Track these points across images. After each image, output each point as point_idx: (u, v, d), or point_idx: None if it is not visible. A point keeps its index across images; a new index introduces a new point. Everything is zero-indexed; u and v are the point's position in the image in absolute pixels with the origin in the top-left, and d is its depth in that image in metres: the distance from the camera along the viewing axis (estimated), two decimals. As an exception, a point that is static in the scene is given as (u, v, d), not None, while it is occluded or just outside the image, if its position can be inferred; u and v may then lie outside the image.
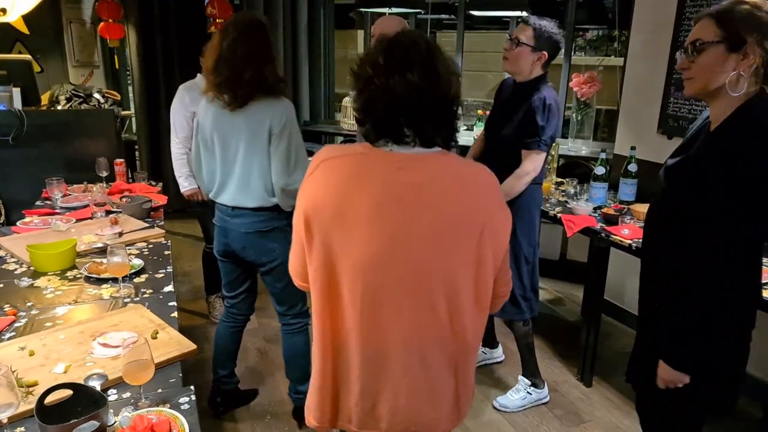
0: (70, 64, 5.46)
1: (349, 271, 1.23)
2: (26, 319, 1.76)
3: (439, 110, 1.21)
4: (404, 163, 1.20)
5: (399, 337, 1.25)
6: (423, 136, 1.21)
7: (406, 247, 1.19)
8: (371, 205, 1.19)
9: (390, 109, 1.19)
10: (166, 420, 1.25)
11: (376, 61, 1.20)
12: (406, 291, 1.22)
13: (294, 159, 2.22)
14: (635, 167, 3.11)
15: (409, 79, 1.16)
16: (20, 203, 3.07)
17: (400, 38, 1.22)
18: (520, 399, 2.84)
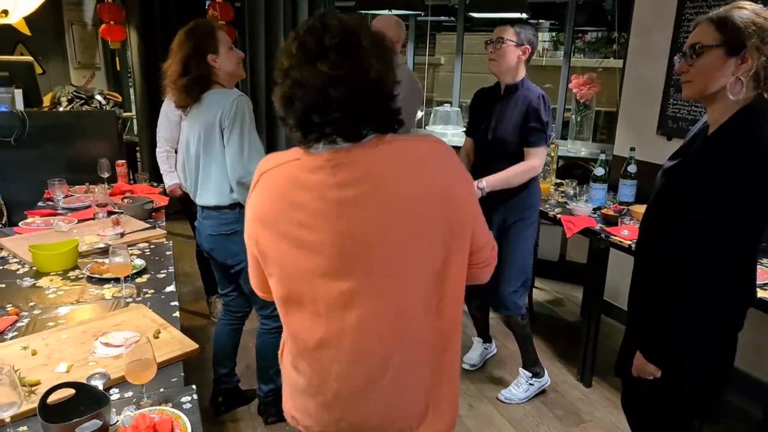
0: (71, 66, 5.47)
1: (308, 283, 1.17)
2: (29, 319, 1.77)
3: (359, 99, 1.10)
4: (336, 162, 1.11)
5: (369, 344, 1.17)
6: (344, 130, 1.11)
7: (359, 249, 1.12)
8: (314, 214, 1.12)
9: (306, 106, 1.10)
10: (168, 419, 1.26)
11: (290, 51, 1.12)
12: (372, 294, 1.14)
13: (247, 150, 2.17)
14: (635, 168, 3.12)
15: (319, 68, 1.07)
16: (22, 204, 3.08)
17: (315, 24, 1.11)
18: (523, 391, 2.90)
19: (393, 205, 1.10)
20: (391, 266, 1.13)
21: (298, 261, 1.16)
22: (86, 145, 3.68)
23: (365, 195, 1.10)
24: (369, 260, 1.13)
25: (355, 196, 1.10)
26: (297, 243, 1.15)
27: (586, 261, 3.74)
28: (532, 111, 2.54)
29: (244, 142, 2.15)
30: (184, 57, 2.15)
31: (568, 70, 4.53)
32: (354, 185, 1.10)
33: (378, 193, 1.10)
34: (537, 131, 2.55)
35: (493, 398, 2.90)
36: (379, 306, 1.15)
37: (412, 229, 1.11)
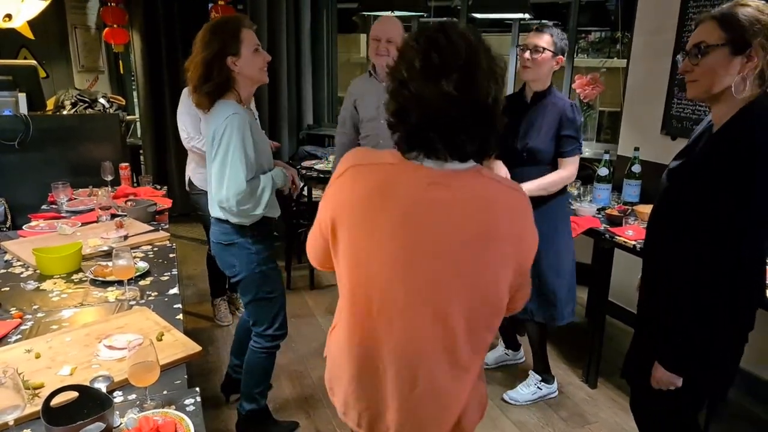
0: (75, 70, 5.49)
1: (368, 280, 1.22)
2: (32, 322, 1.77)
3: (475, 122, 1.14)
4: (434, 180, 1.16)
5: (406, 349, 1.23)
6: (456, 151, 1.16)
7: (422, 262, 1.17)
8: (395, 219, 1.17)
9: (422, 122, 1.14)
10: (172, 421, 1.26)
11: (412, 63, 1.13)
12: (419, 305, 1.20)
13: (228, 173, 2.03)
14: (639, 168, 3.11)
15: (443, 89, 1.09)
16: (26, 207, 3.09)
17: (440, 38, 1.12)
18: (530, 393, 2.89)
19: (464, 234, 1.16)
20: (439, 289, 1.18)
21: (366, 259, 1.21)
22: (90, 149, 3.69)
23: (447, 218, 1.16)
24: (426, 276, 1.18)
25: (438, 216, 1.16)
26: (369, 241, 1.20)
27: (590, 261, 3.73)
28: (566, 120, 2.52)
29: (225, 166, 2.03)
30: (206, 59, 2.04)
31: (571, 71, 4.52)
32: (442, 206, 1.16)
33: (459, 219, 1.16)
34: (572, 140, 2.54)
35: (498, 400, 2.89)
36: (426, 321, 1.20)
37: (472, 261, 1.17)
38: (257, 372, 2.43)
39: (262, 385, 2.47)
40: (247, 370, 2.45)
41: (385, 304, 1.22)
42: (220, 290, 3.68)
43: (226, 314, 3.64)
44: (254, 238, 2.21)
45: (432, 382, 1.25)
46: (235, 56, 2.05)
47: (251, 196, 2.08)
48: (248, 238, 2.20)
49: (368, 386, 1.30)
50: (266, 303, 2.31)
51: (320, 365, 3.17)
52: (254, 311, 2.35)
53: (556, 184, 2.58)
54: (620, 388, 2.98)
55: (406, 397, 1.26)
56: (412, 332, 1.22)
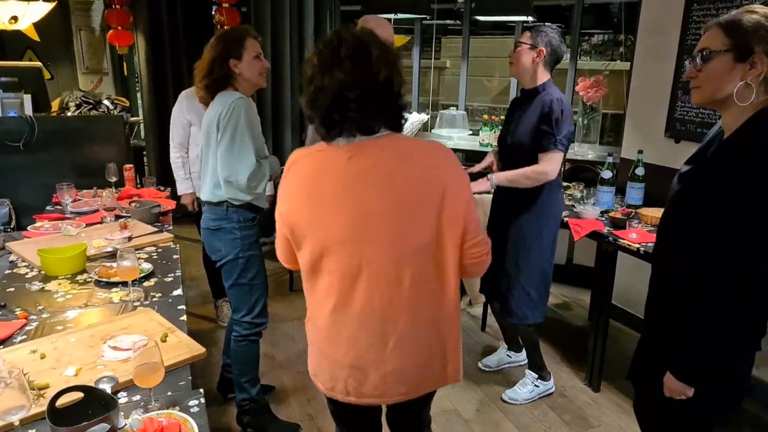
0: (79, 71, 5.51)
1: (326, 254, 1.40)
2: (37, 323, 1.78)
3: (371, 99, 1.33)
4: (352, 152, 1.36)
5: (375, 310, 1.41)
6: (360, 126, 1.35)
7: (367, 226, 1.35)
8: (331, 196, 1.37)
9: (327, 107, 1.34)
10: (176, 423, 1.26)
11: (311, 61, 1.36)
12: (376, 266, 1.37)
13: (237, 151, 2.21)
14: (642, 171, 3.11)
15: (336, 75, 1.31)
16: (31, 208, 3.10)
17: (332, 38, 1.35)
18: (527, 392, 2.91)
19: (395, 187, 1.34)
20: (391, 239, 1.36)
21: (319, 238, 1.40)
22: (94, 150, 3.70)
23: (374, 179, 1.35)
24: (375, 233, 1.36)
25: (366, 180, 1.35)
26: (318, 221, 1.39)
27: (593, 264, 3.73)
28: (544, 114, 2.51)
29: (235, 143, 2.20)
30: (211, 58, 2.26)
31: (574, 73, 4.52)
32: (365, 172, 1.35)
33: (384, 177, 1.34)
34: (547, 134, 2.51)
35: (501, 403, 2.89)
36: (381, 276, 1.38)
37: (410, 208, 1.35)
38: (240, 361, 2.49)
39: (250, 374, 2.51)
40: (233, 360, 2.53)
41: (346, 274, 1.40)
42: (222, 291, 3.68)
43: (229, 315, 3.64)
44: (240, 224, 2.33)
45: (403, 336, 1.42)
46: (237, 59, 2.26)
47: (260, 172, 2.25)
48: (234, 223, 2.33)
49: (348, 354, 1.46)
50: (247, 289, 2.40)
51: (323, 367, 3.17)
52: (235, 296, 2.44)
53: (526, 177, 2.56)
54: (623, 392, 2.98)
55: (382, 352, 1.43)
56: (374, 290, 1.39)
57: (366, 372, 1.46)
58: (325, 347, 1.51)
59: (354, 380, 1.47)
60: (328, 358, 1.50)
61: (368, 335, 1.43)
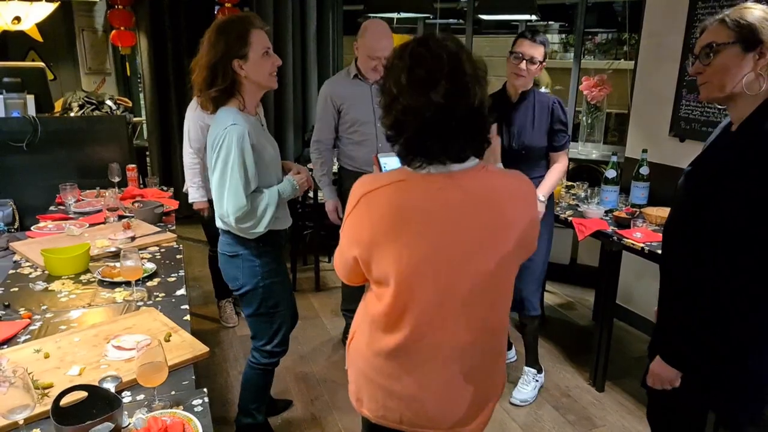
0: (82, 72, 5.52)
1: (409, 284, 1.28)
2: (41, 322, 1.77)
3: (467, 124, 1.22)
4: (442, 184, 1.25)
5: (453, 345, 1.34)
6: (453, 154, 1.24)
7: (451, 262, 1.26)
8: (416, 229, 1.25)
9: (417, 132, 1.22)
10: (180, 422, 1.26)
11: (398, 79, 1.21)
12: (456, 302, 1.29)
13: (226, 188, 1.92)
14: (647, 170, 3.09)
15: (433, 99, 1.18)
16: (34, 209, 3.10)
17: (422, 52, 1.20)
18: (532, 389, 2.93)
19: (482, 229, 1.26)
20: (478, 279, 1.29)
21: (397, 271, 1.27)
22: (97, 150, 3.70)
23: (463, 217, 1.25)
24: (460, 274, 1.27)
25: (455, 214, 1.25)
26: (398, 256, 1.26)
27: (597, 264, 3.72)
28: (556, 115, 2.68)
29: (225, 178, 1.92)
30: (211, 62, 1.92)
31: (578, 72, 4.51)
32: (456, 205, 1.25)
33: (474, 216, 1.25)
34: (563, 133, 2.71)
35: (504, 404, 2.88)
36: (460, 320, 1.31)
37: (495, 251, 1.27)
38: (252, 387, 2.35)
39: (259, 401, 2.39)
40: (243, 384, 2.37)
41: (419, 307, 1.30)
42: (225, 292, 3.68)
43: (232, 315, 3.64)
44: (259, 250, 2.09)
45: (470, 369, 1.37)
46: (242, 60, 1.92)
47: (252, 213, 1.96)
48: (252, 249, 2.08)
49: (407, 384, 1.37)
50: (268, 318, 2.20)
51: (326, 367, 3.17)
52: (254, 325, 2.24)
53: (559, 180, 2.78)
54: (628, 392, 2.96)
55: (445, 386, 1.37)
56: (448, 327, 1.32)
57: (424, 403, 1.39)
58: (382, 379, 1.41)
59: (410, 410, 1.40)
60: (383, 389, 1.41)
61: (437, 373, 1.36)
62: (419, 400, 1.38)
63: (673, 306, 1.55)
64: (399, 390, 1.38)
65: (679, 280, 1.54)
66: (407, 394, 1.38)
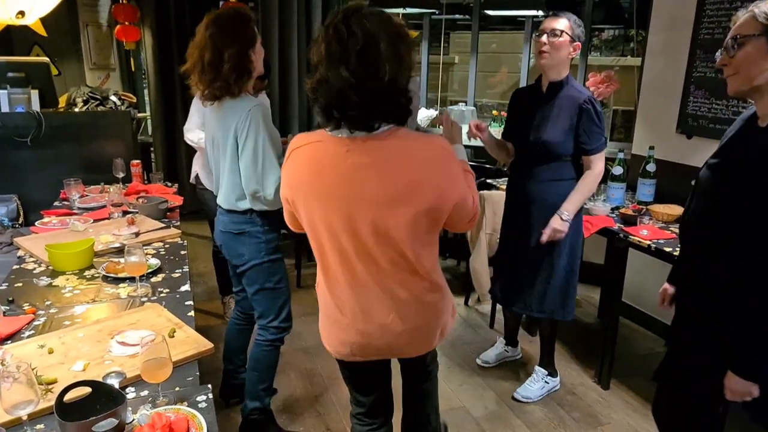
0: (86, 67, 5.52)
1: (326, 235, 1.49)
2: (45, 318, 1.77)
3: (373, 100, 1.33)
4: (350, 146, 1.40)
5: (373, 284, 1.51)
6: (358, 124, 1.37)
7: (360, 216, 1.42)
8: (329, 185, 1.43)
9: (327, 101, 1.36)
10: (184, 418, 1.25)
11: (319, 49, 1.34)
12: (370, 249, 1.46)
13: (261, 164, 2.07)
14: (654, 167, 3.07)
15: (342, 74, 1.30)
16: (38, 204, 3.10)
17: (341, 29, 1.30)
18: (539, 388, 2.89)
19: (387, 188, 1.39)
20: (379, 235, 1.43)
21: (319, 220, 1.48)
22: (101, 146, 3.70)
23: (369, 174, 1.39)
24: (364, 217, 1.42)
25: (361, 174, 1.39)
26: (317, 205, 1.47)
27: (603, 261, 3.70)
28: (587, 114, 2.41)
29: (258, 156, 2.06)
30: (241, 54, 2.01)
31: (584, 69, 4.49)
32: (362, 166, 1.39)
33: (379, 174, 1.38)
34: (597, 135, 2.44)
35: (509, 401, 2.87)
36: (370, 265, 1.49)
37: (399, 215, 1.40)
38: (262, 366, 2.40)
39: (267, 381, 2.43)
40: (251, 365, 2.42)
41: (342, 254, 1.49)
42: (229, 287, 3.67)
43: (236, 312, 3.64)
44: (265, 228, 2.22)
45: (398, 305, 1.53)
46: (253, 49, 2.07)
47: None
48: (259, 227, 2.21)
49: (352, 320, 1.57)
50: (273, 293, 2.31)
51: (330, 362, 3.15)
52: (261, 301, 2.33)
53: (592, 188, 2.52)
54: (633, 390, 2.95)
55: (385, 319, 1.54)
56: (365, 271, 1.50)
57: (370, 336, 1.57)
58: (332, 314, 1.62)
59: (358, 344, 1.60)
60: (336, 324, 1.62)
61: (368, 305, 1.54)
62: (365, 334, 1.57)
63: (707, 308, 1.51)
64: (347, 325, 1.58)
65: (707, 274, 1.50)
66: (354, 329, 1.58)
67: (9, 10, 3.52)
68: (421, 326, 1.60)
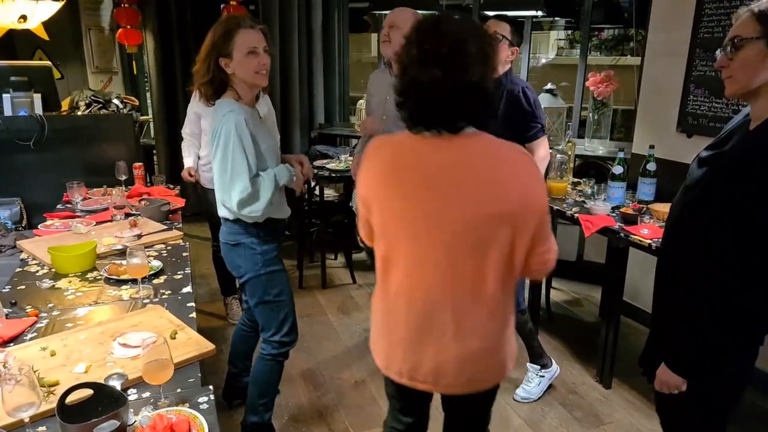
0: (89, 71, 5.54)
1: (401, 239, 1.44)
2: (48, 320, 1.78)
3: (463, 101, 1.33)
4: (438, 146, 1.38)
5: (440, 297, 1.42)
6: (448, 126, 1.35)
7: (447, 215, 1.36)
8: (413, 184, 1.39)
9: (418, 102, 1.36)
10: (186, 419, 1.26)
11: (410, 51, 1.35)
12: (443, 256, 1.39)
13: (230, 172, 1.99)
14: (654, 166, 3.07)
15: (432, 73, 1.30)
16: (41, 207, 3.12)
17: (432, 30, 1.33)
18: (536, 385, 2.90)
19: (474, 190, 1.35)
20: (463, 238, 1.37)
21: (396, 221, 1.44)
22: (104, 149, 3.72)
23: (454, 178, 1.36)
24: (445, 226, 1.37)
25: (447, 174, 1.36)
26: (396, 205, 1.42)
27: (604, 261, 3.69)
28: (520, 102, 2.57)
29: (227, 163, 1.99)
30: (202, 58, 2.04)
31: (584, 68, 4.49)
32: (449, 166, 1.36)
33: (466, 178, 1.35)
34: (532, 121, 2.59)
35: (509, 400, 2.87)
36: (446, 274, 1.40)
37: (484, 216, 1.35)
38: (262, 381, 2.35)
39: (267, 397, 2.38)
40: (253, 378, 2.37)
41: (412, 260, 1.43)
42: (231, 289, 3.69)
43: (238, 312, 3.65)
44: (260, 239, 2.15)
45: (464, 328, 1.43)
46: (227, 58, 2.01)
47: (255, 195, 2.02)
48: (254, 238, 2.14)
49: (404, 338, 1.49)
50: (273, 306, 2.24)
51: (333, 364, 3.17)
52: (261, 314, 2.27)
53: None
54: (635, 389, 2.95)
55: (438, 342, 1.44)
56: (436, 281, 1.41)
57: (421, 358, 1.47)
58: (385, 327, 1.55)
59: (407, 365, 1.50)
60: (386, 338, 1.54)
61: (428, 323, 1.45)
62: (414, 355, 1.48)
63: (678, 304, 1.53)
64: (397, 340, 1.50)
65: (682, 270, 1.52)
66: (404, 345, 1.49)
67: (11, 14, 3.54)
68: (483, 353, 1.48)
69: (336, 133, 5.59)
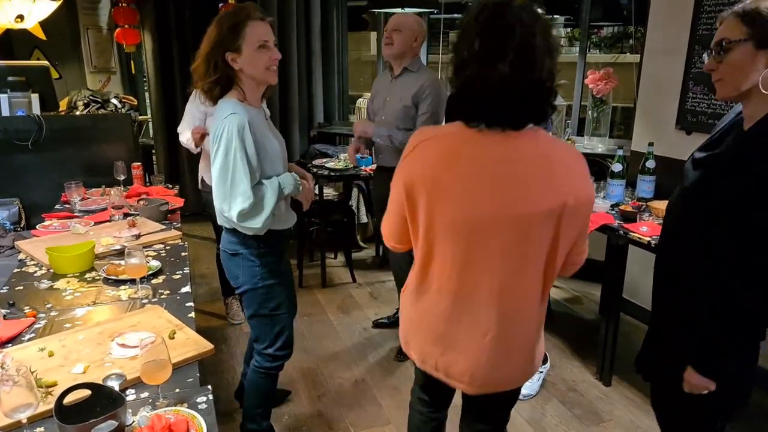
0: (87, 70, 5.54)
1: (446, 234, 1.35)
2: (46, 321, 1.78)
3: (530, 96, 1.26)
4: (495, 141, 1.29)
5: (488, 296, 1.38)
6: (513, 122, 1.28)
7: (498, 214, 1.30)
8: (467, 178, 1.30)
9: (482, 99, 1.27)
10: (184, 419, 1.25)
11: (472, 44, 1.25)
12: (493, 253, 1.34)
13: (231, 179, 1.86)
14: (653, 164, 3.07)
15: (501, 71, 1.22)
16: (40, 207, 3.12)
17: (496, 21, 1.23)
18: (536, 381, 2.91)
19: (528, 188, 1.29)
20: (517, 235, 1.31)
21: (442, 217, 1.34)
22: (102, 148, 3.71)
23: (509, 174, 1.29)
24: (498, 223, 1.31)
25: (501, 173, 1.29)
26: (444, 200, 1.32)
27: (604, 258, 3.69)
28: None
29: (228, 170, 1.86)
30: (206, 53, 1.89)
31: (584, 66, 4.48)
32: (504, 163, 1.29)
33: (521, 175, 1.29)
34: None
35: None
36: (495, 272, 1.35)
37: (539, 214, 1.29)
38: (254, 392, 2.30)
39: (263, 407, 2.33)
40: (247, 389, 2.33)
41: (460, 257, 1.36)
42: (232, 289, 3.67)
43: (238, 312, 3.65)
44: (259, 251, 2.03)
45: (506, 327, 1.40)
46: (235, 53, 1.87)
47: (257, 205, 1.90)
48: (253, 249, 2.02)
49: (444, 335, 1.45)
50: (268, 320, 2.15)
51: (332, 362, 3.17)
52: (255, 327, 2.20)
53: None
54: (635, 386, 2.95)
55: (479, 341, 1.41)
56: (485, 279, 1.36)
57: (459, 357, 1.45)
58: (424, 322, 1.50)
59: (444, 360, 1.48)
60: (423, 333, 1.51)
61: (473, 322, 1.42)
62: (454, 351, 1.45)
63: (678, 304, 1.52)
64: (432, 334, 1.47)
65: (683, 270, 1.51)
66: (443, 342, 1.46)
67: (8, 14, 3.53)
68: (520, 353, 1.48)
69: (335, 131, 5.58)
